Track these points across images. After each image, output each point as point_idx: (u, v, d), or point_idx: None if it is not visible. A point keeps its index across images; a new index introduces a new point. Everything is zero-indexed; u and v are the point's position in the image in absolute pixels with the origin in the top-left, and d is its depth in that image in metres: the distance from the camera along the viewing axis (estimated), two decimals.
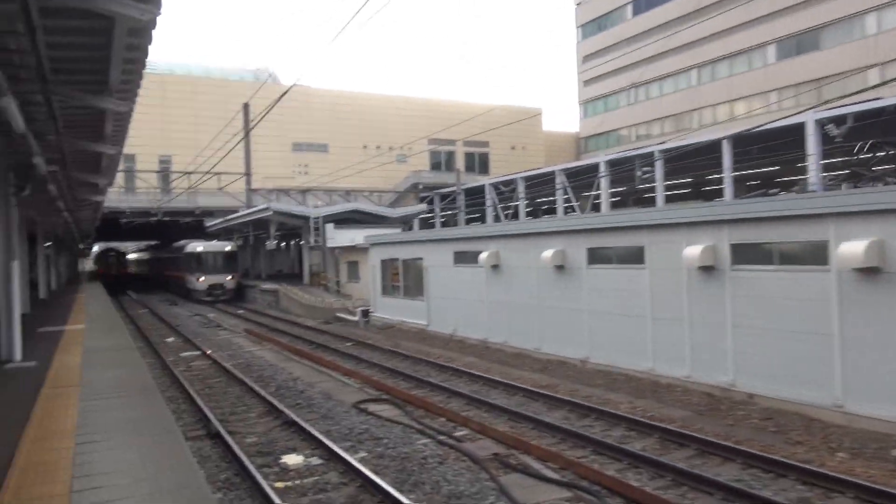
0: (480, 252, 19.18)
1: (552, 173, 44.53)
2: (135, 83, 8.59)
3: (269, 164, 52.42)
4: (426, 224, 52.42)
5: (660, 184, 35.91)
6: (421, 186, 56.17)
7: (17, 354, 11.14)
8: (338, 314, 28.10)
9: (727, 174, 31.53)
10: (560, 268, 16.30)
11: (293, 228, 37.96)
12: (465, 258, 20.45)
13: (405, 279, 24.04)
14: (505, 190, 48.85)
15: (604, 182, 38.47)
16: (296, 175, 56.13)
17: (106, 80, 8.16)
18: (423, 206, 40.67)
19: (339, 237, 35.29)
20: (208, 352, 19.55)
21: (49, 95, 8.13)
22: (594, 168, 39.69)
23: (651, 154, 36.40)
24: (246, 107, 44.71)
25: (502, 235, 18.52)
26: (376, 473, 8.57)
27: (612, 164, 38.46)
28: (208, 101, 54.82)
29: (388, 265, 25.29)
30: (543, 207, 52.78)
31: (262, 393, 13.68)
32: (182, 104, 52.98)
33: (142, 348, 19.26)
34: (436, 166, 63.10)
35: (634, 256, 14.34)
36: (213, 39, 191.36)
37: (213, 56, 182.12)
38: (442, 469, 8.94)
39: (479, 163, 64.09)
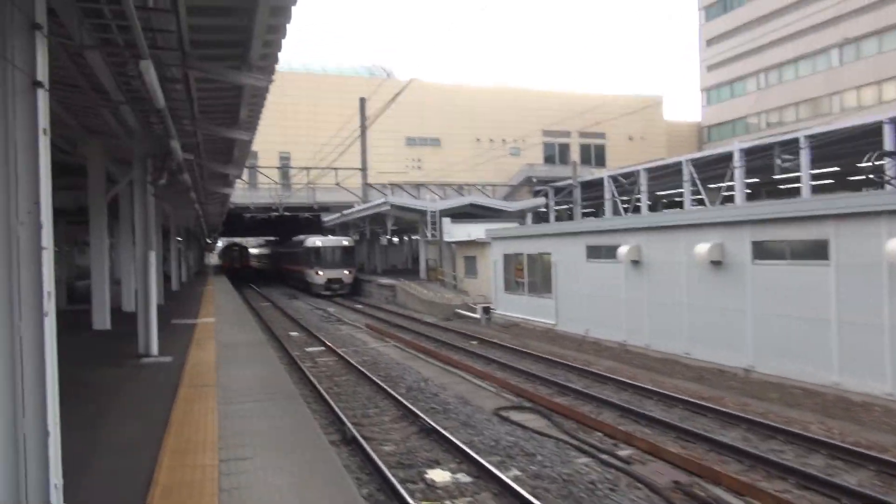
0: (618, 246, 17.56)
1: (674, 165, 41.72)
2: (273, 56, 7.92)
3: (383, 159, 52.58)
4: (540, 218, 50.77)
5: (805, 172, 32.51)
6: (535, 180, 54.54)
7: (155, 348, 10.82)
8: (457, 310, 27.20)
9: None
10: (717, 263, 14.45)
11: (409, 223, 37.53)
12: (600, 253, 18.88)
13: (530, 275, 22.74)
14: (624, 182, 46.36)
15: (738, 172, 35.39)
16: (409, 170, 56.02)
17: (246, 55, 7.43)
18: (542, 200, 39.12)
19: (456, 231, 34.47)
20: (337, 350, 19.11)
21: (186, 70, 7.48)
22: (725, 158, 36.63)
23: (793, 141, 33.07)
24: (362, 102, 44.90)
25: (645, 228, 16.83)
26: (539, 499, 7.37)
27: (748, 152, 35.32)
28: (326, 97, 55.72)
29: (511, 260, 24.08)
30: (664, 201, 49.81)
31: (394, 394, 12.84)
32: (301, 101, 54.03)
33: (269, 341, 19.05)
34: (549, 159, 61.22)
35: (815, 251, 12.33)
36: (328, 37, 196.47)
37: (329, 54, 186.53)
38: (616, 498, 7.61)
39: (594, 155, 61.56)
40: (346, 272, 40.11)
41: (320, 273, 39.59)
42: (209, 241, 59.51)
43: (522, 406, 12.21)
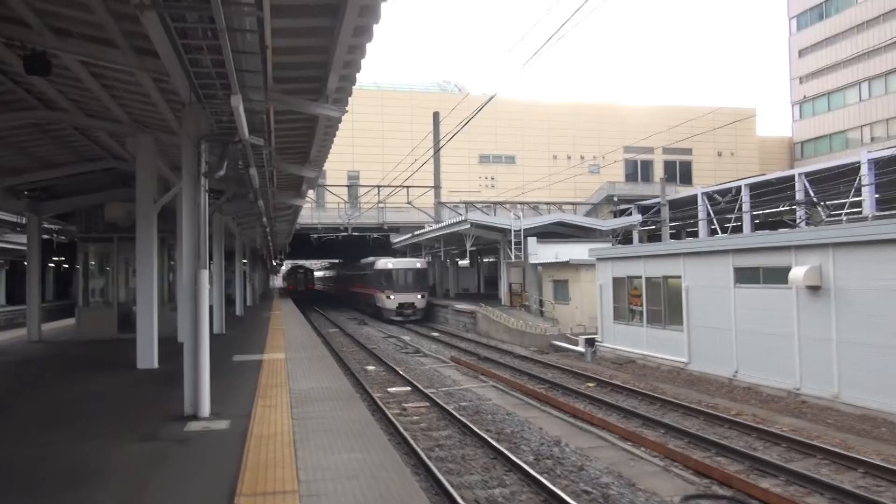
0: (788, 268, 13.64)
1: (779, 180, 37.10)
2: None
3: (455, 176, 49.48)
4: (625, 240, 46.58)
5: None
6: (616, 199, 50.46)
7: (206, 407, 7.60)
8: (553, 342, 23.48)
9: None
10: None
11: (489, 243, 34.13)
12: (756, 276, 14.96)
13: (651, 302, 18.89)
14: (721, 200, 41.86)
15: (867, 183, 30.61)
16: (482, 188, 52.73)
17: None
18: (638, 217, 35.11)
19: (542, 252, 30.85)
20: (426, 391, 15.70)
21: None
22: (851, 170, 31.96)
23: None
24: (436, 116, 41.99)
25: (835, 244, 12.83)
26: None
27: (878, 163, 30.61)
28: (395, 114, 53.18)
29: (623, 285, 20.29)
30: (771, 220, 44.89)
31: (521, 464, 9.32)
32: (370, 118, 51.53)
33: (355, 388, 15.80)
34: (631, 177, 56.89)
35: None
36: (398, 52, 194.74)
37: (398, 69, 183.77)
38: None
39: (680, 172, 56.87)
40: (418, 296, 36.88)
41: (391, 297, 36.47)
42: (275, 262, 57.55)
43: (714, 494, 8.47)
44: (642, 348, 19.16)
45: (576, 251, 30.26)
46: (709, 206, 42.13)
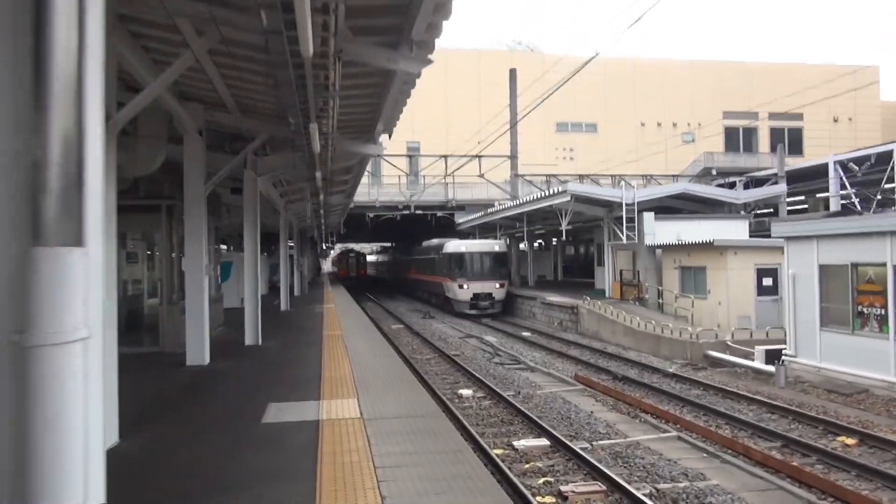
0: None
1: None
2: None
3: (529, 148, 42.76)
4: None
5: None
6: (714, 172, 43.17)
7: None
8: (709, 352, 17.02)
9: None
10: None
11: (588, 220, 27.67)
12: None
13: None
14: (857, 170, 34.30)
15: None
16: (559, 160, 46.00)
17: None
18: (782, 188, 28.06)
19: (662, 232, 24.28)
20: (571, 444, 9.51)
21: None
22: None
23: None
24: (512, 72, 35.57)
25: None
26: None
27: None
28: (460, 78, 46.77)
29: (838, 275, 13.70)
30: None
31: None
32: (431, 83, 45.19)
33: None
34: (730, 147, 49.25)
35: None
36: (463, 12, 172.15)
37: (459, 30, 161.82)
38: None
39: (789, 140, 48.82)
40: (496, 285, 30.70)
41: (465, 286, 30.39)
42: (325, 246, 52.19)
43: None
44: (885, 372, 12.54)
45: (706, 229, 23.64)
46: (844, 177, 34.60)
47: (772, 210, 35.97)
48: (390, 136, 12.87)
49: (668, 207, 26.15)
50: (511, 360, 18.64)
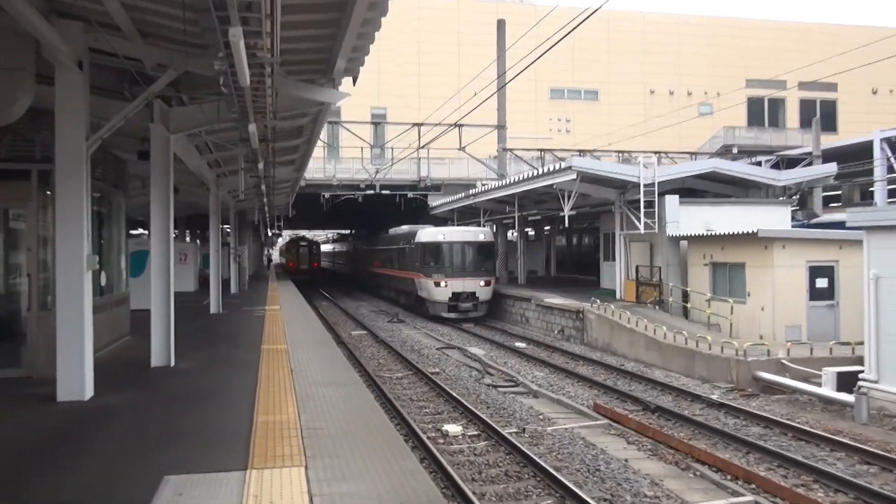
0: None
1: None
2: None
3: (517, 116, 40.79)
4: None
5: None
6: (736, 150, 41.88)
7: None
8: (759, 373, 15.26)
9: None
10: None
11: (597, 205, 25.82)
12: None
13: None
14: None
15: None
16: (553, 133, 44.12)
17: None
18: (831, 167, 26.42)
19: (687, 219, 22.55)
20: None
21: None
22: None
23: None
24: (500, 24, 33.52)
25: None
26: None
27: None
28: (436, 31, 44.59)
29: None
30: None
31: None
32: (401, 37, 42.87)
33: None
34: (753, 120, 47.88)
35: None
36: None
37: None
38: None
39: (821, 114, 47.54)
40: (481, 283, 28.72)
41: (442, 284, 28.34)
42: (271, 233, 49.70)
43: None
44: None
45: (741, 216, 21.95)
46: (892, 157, 33.35)
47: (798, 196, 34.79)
48: (355, 82, 10.76)
49: (690, 189, 24.41)
50: (506, 380, 16.71)
